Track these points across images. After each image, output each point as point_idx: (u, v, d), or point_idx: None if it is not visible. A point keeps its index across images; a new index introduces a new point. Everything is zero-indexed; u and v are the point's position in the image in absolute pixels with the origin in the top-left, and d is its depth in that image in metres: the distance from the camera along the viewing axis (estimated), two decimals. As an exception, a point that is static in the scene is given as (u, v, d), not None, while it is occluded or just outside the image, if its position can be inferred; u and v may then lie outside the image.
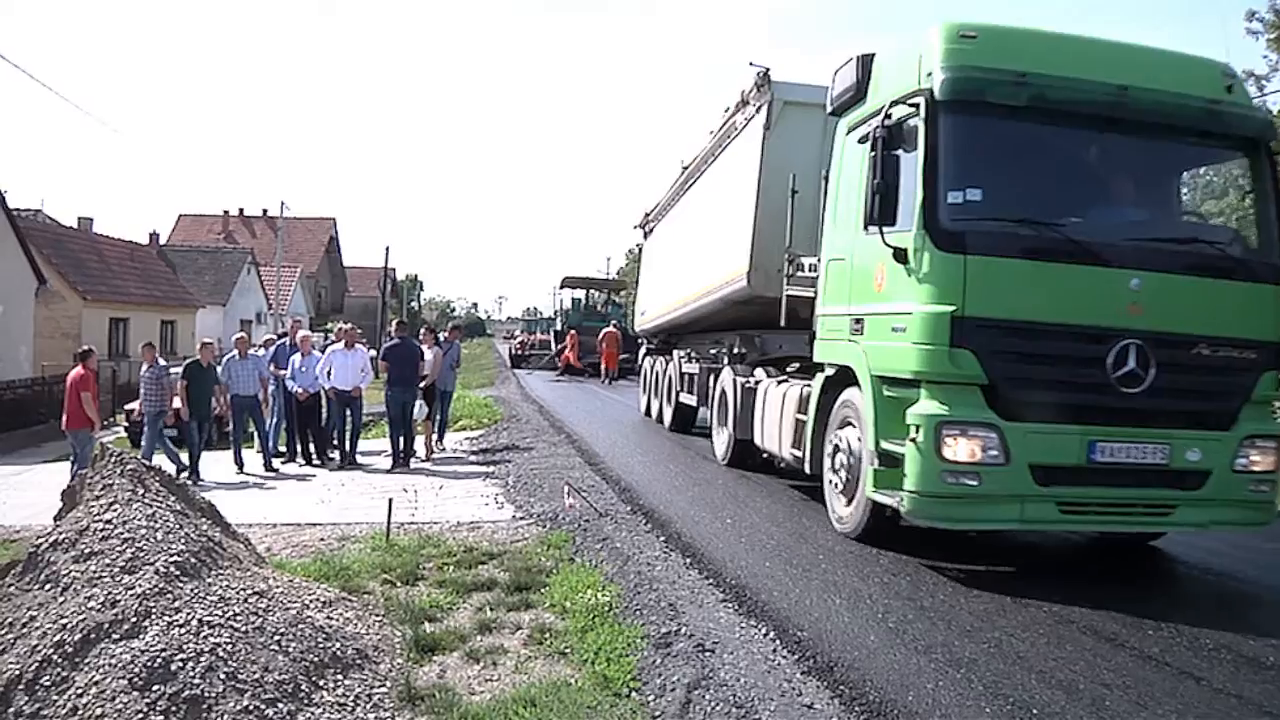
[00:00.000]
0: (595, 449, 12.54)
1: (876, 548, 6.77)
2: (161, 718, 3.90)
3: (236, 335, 13.41)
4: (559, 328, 34.26)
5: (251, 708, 4.06)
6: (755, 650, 4.91)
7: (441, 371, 13.15)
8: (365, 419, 13.83)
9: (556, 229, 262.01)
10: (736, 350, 11.38)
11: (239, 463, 12.09)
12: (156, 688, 3.99)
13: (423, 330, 14.29)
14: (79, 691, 3.98)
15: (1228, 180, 7.67)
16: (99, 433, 11.72)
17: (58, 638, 4.20)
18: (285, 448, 12.98)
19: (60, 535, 4.86)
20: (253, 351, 12.81)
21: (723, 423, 11.10)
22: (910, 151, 6.27)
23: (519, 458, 12.29)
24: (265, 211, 56.65)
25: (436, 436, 13.31)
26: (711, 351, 12.87)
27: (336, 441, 12.61)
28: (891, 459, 6.30)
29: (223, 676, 4.13)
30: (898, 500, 6.18)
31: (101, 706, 3.90)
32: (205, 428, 12.05)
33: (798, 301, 8.77)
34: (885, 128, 6.30)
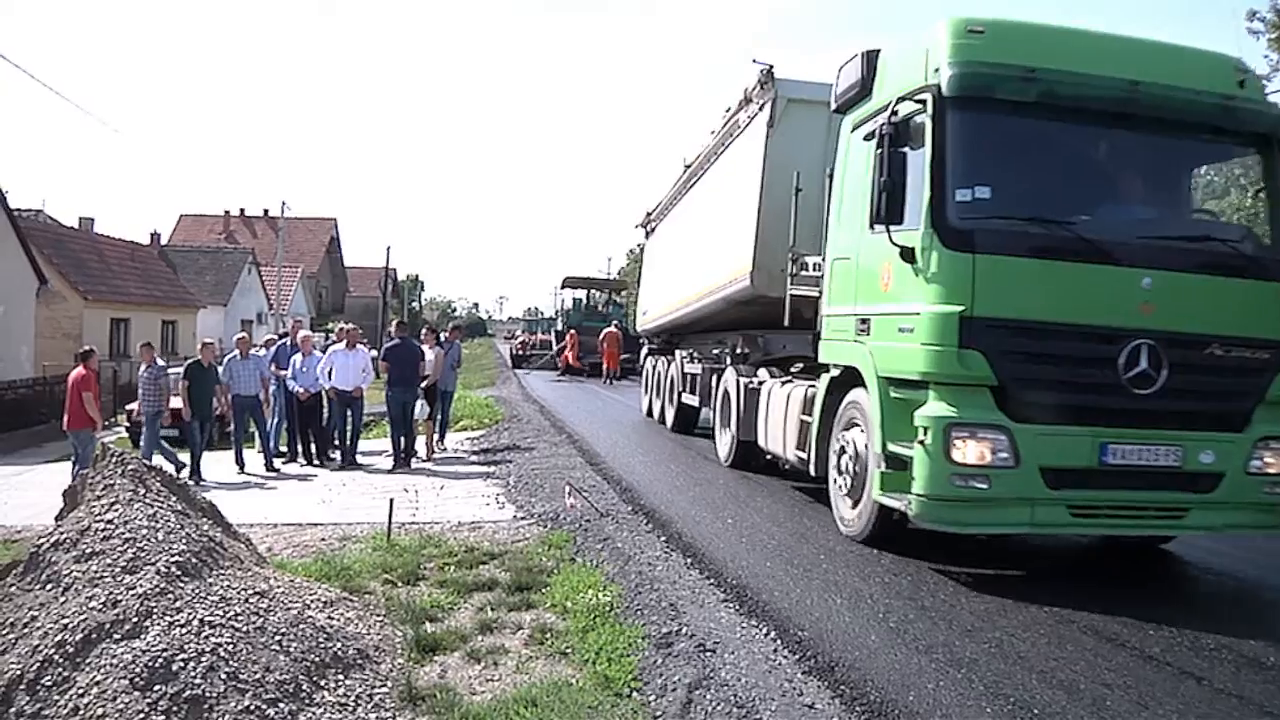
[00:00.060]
0: (596, 449, 12.55)
1: (879, 549, 6.74)
2: (163, 718, 3.90)
3: (238, 335, 13.41)
4: (560, 328, 34.27)
5: (253, 708, 4.06)
6: (756, 650, 4.91)
7: (442, 371, 13.16)
8: (366, 419, 13.84)
9: (557, 229, 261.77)
10: (739, 350, 11.28)
11: (240, 463, 12.10)
12: (158, 688, 3.99)
13: (424, 330, 14.30)
14: (80, 691, 3.98)
15: (1228, 180, 7.64)
16: (100, 433, 11.71)
17: (59, 638, 4.20)
18: (286, 448, 12.99)
19: (61, 535, 4.86)
20: (254, 351, 12.81)
21: (726, 424, 11.01)
22: (917, 149, 6.17)
23: (520, 458, 12.29)
24: (266, 211, 56.73)
25: (438, 436, 13.33)
26: (714, 351, 12.79)
27: (337, 442, 12.62)
28: (899, 461, 6.22)
29: (224, 676, 4.13)
30: (905, 503, 6.09)
31: (103, 706, 3.90)
32: (207, 428, 12.06)
33: (801, 301, 8.70)
34: (892, 124, 6.21)
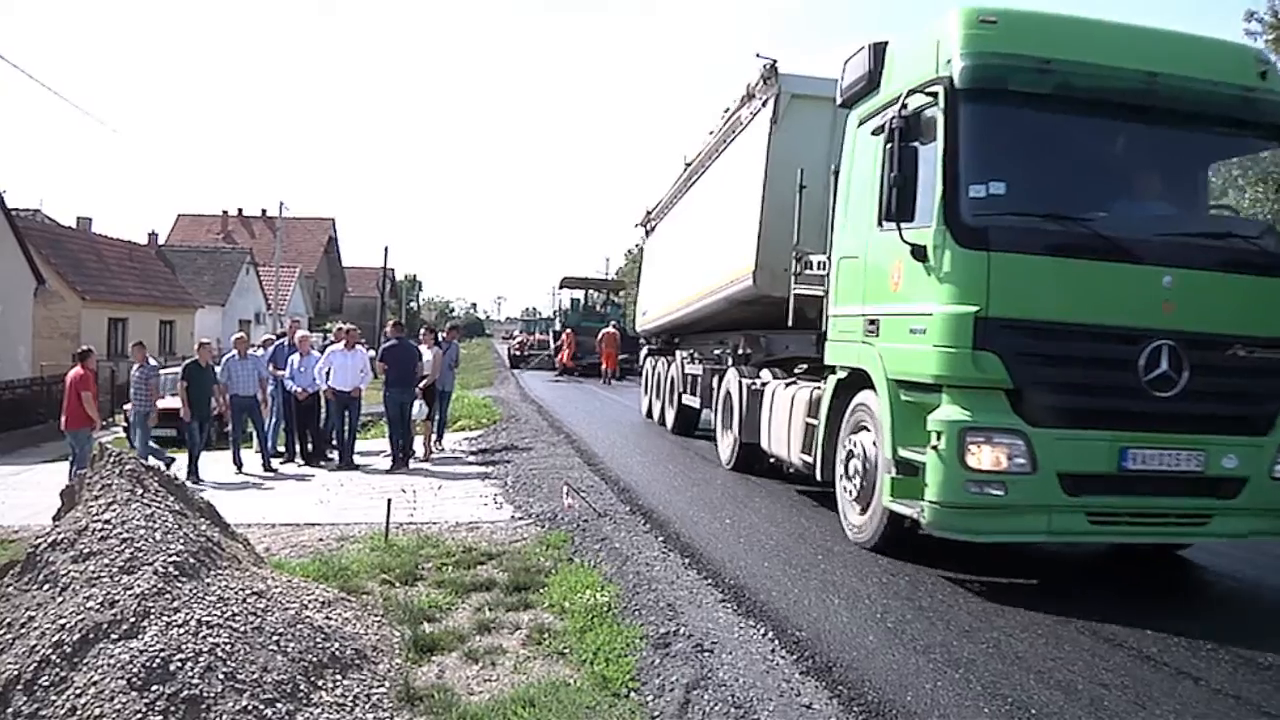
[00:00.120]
0: (594, 449, 12.55)
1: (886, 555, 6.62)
2: (160, 718, 3.89)
3: (236, 335, 13.40)
4: (558, 328, 34.28)
5: (250, 708, 4.06)
6: (754, 650, 4.91)
7: (440, 371, 13.16)
8: (364, 419, 13.84)
9: (555, 229, 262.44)
10: (741, 351, 11.10)
11: (238, 463, 12.09)
12: (155, 688, 3.99)
13: (422, 330, 14.29)
14: (77, 692, 3.98)
15: (1226, 180, 7.59)
16: (98, 433, 11.69)
17: (56, 638, 4.20)
18: (284, 448, 12.98)
19: (59, 535, 4.85)
20: (252, 352, 12.80)
21: (728, 426, 10.83)
22: (928, 143, 5.98)
23: (518, 458, 12.29)
24: (264, 211, 56.64)
25: (435, 437, 13.32)
26: (715, 352, 12.64)
27: (335, 442, 12.60)
28: (910, 467, 6.04)
29: (221, 676, 4.13)
30: (917, 511, 5.90)
31: (100, 706, 3.90)
32: (205, 428, 12.05)
33: (805, 301, 8.55)
34: (902, 118, 6.00)
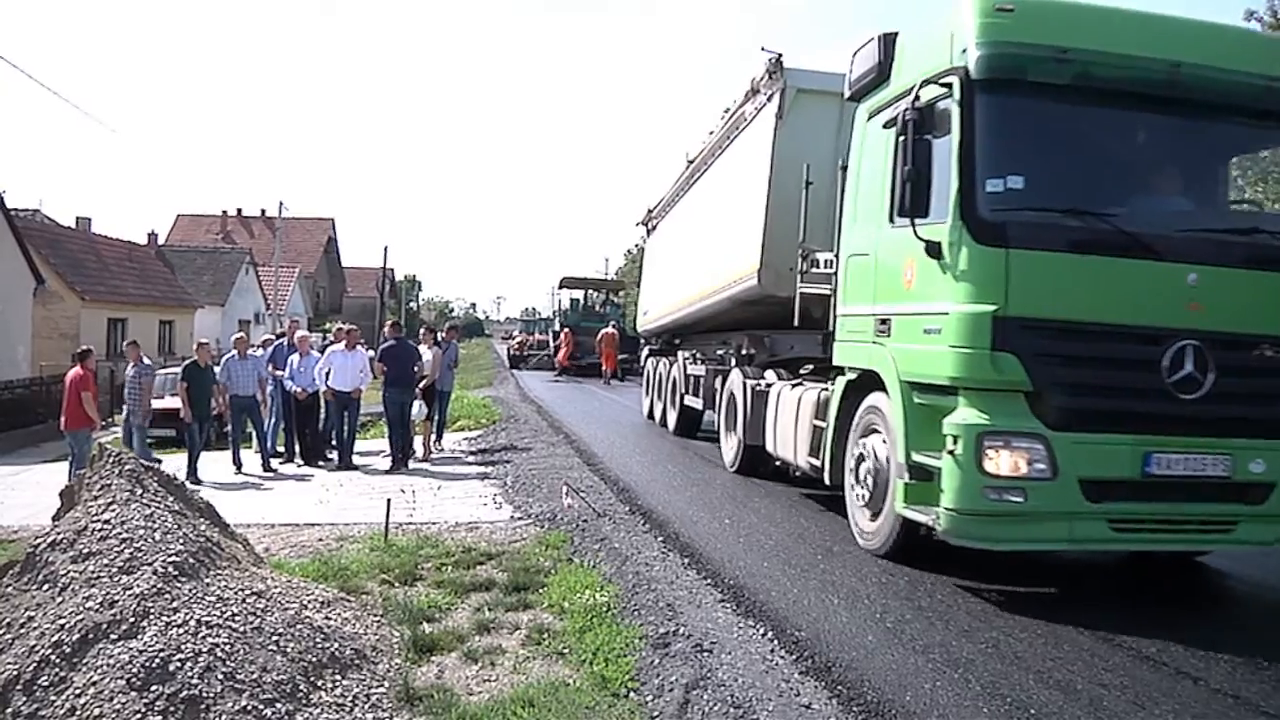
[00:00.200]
0: (593, 449, 12.55)
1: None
2: (159, 718, 3.89)
3: (235, 335, 13.40)
4: (557, 328, 34.30)
5: (249, 708, 4.06)
6: (753, 650, 4.91)
7: (440, 371, 13.15)
8: (363, 419, 13.84)
9: (555, 229, 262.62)
10: (744, 351, 10.92)
11: (237, 463, 12.08)
12: (154, 688, 3.99)
13: (422, 330, 14.30)
14: (77, 692, 3.98)
15: (1255, 174, 7.44)
16: (98, 433, 11.69)
17: (56, 638, 4.20)
18: (283, 448, 12.98)
19: (58, 535, 4.85)
20: (251, 352, 12.80)
21: (731, 428, 10.62)
22: (942, 136, 5.79)
23: (517, 458, 12.28)
24: (264, 212, 56.63)
25: (435, 437, 13.32)
26: (718, 352, 12.48)
27: (335, 443, 12.60)
28: (924, 472, 5.86)
29: (221, 677, 4.13)
30: (932, 518, 5.72)
31: (99, 707, 3.90)
32: (205, 428, 12.05)
33: (810, 300, 8.37)
34: (915, 109, 5.83)
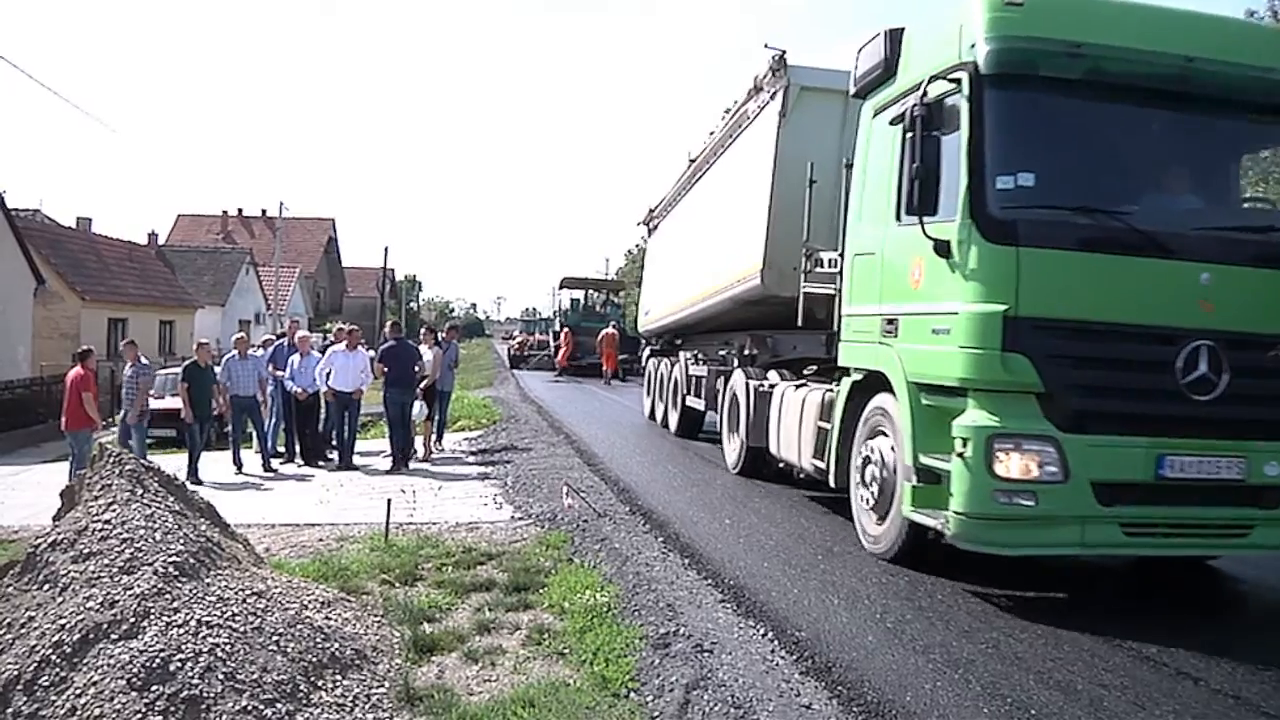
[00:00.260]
0: (594, 450, 12.55)
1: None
2: (160, 718, 3.90)
3: (236, 335, 13.40)
4: (558, 328, 34.30)
5: (250, 708, 4.06)
6: (753, 650, 4.91)
7: (440, 372, 13.16)
8: (363, 419, 13.83)
9: (555, 229, 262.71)
10: (747, 352, 10.82)
11: (237, 463, 12.09)
12: (155, 688, 3.99)
13: (422, 330, 14.30)
14: (77, 692, 3.98)
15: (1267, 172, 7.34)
16: (99, 433, 11.69)
17: (56, 638, 4.20)
18: (284, 448, 12.98)
19: (59, 535, 4.85)
20: (251, 352, 12.80)
21: (734, 429, 10.50)
22: (951, 132, 5.73)
23: (518, 458, 12.28)
24: (264, 212, 56.64)
25: (435, 437, 13.32)
26: (720, 353, 12.37)
27: (335, 443, 12.60)
28: (932, 475, 5.78)
29: (221, 677, 4.13)
30: (941, 522, 5.62)
31: (100, 707, 3.90)
32: (205, 428, 12.05)
33: (814, 300, 8.29)
34: (924, 105, 5.75)
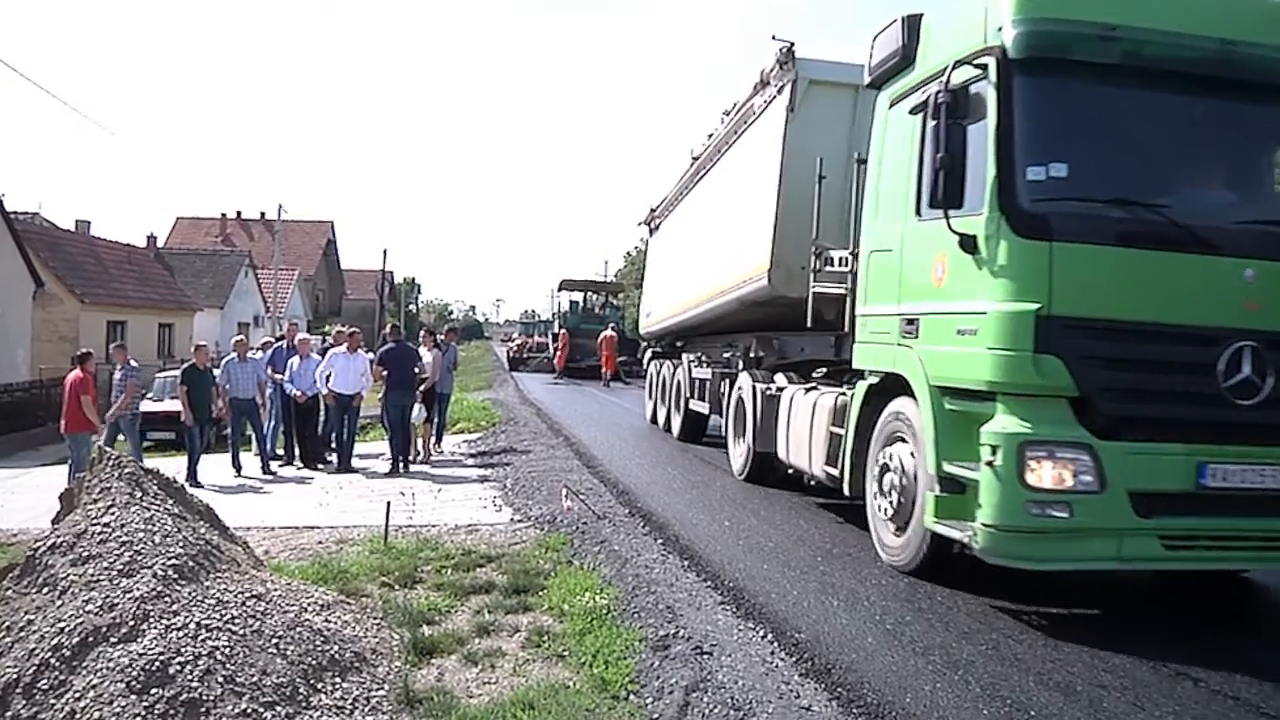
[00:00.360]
0: (593, 452, 12.55)
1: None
2: (159, 721, 3.89)
3: (235, 338, 13.40)
4: (556, 330, 34.29)
5: (249, 711, 4.05)
6: (753, 652, 4.91)
7: (439, 374, 13.16)
8: (362, 422, 13.83)
9: (554, 231, 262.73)
10: (752, 354, 10.61)
11: (236, 466, 12.08)
12: (154, 691, 3.98)
13: (421, 332, 14.29)
14: (77, 695, 3.97)
15: None
16: (98, 436, 11.68)
17: (55, 641, 4.20)
18: (283, 451, 12.98)
19: (58, 538, 4.85)
20: (251, 354, 12.80)
21: (740, 434, 10.18)
22: (977, 121, 5.44)
23: (517, 460, 12.28)
24: (263, 214, 56.60)
25: (434, 439, 13.33)
26: (724, 355, 12.09)
27: (334, 445, 12.59)
28: (956, 484, 5.47)
29: (221, 680, 4.12)
30: (968, 534, 5.31)
31: (99, 710, 3.89)
32: (204, 431, 12.04)
33: (823, 300, 8.08)
34: (948, 92, 5.44)
